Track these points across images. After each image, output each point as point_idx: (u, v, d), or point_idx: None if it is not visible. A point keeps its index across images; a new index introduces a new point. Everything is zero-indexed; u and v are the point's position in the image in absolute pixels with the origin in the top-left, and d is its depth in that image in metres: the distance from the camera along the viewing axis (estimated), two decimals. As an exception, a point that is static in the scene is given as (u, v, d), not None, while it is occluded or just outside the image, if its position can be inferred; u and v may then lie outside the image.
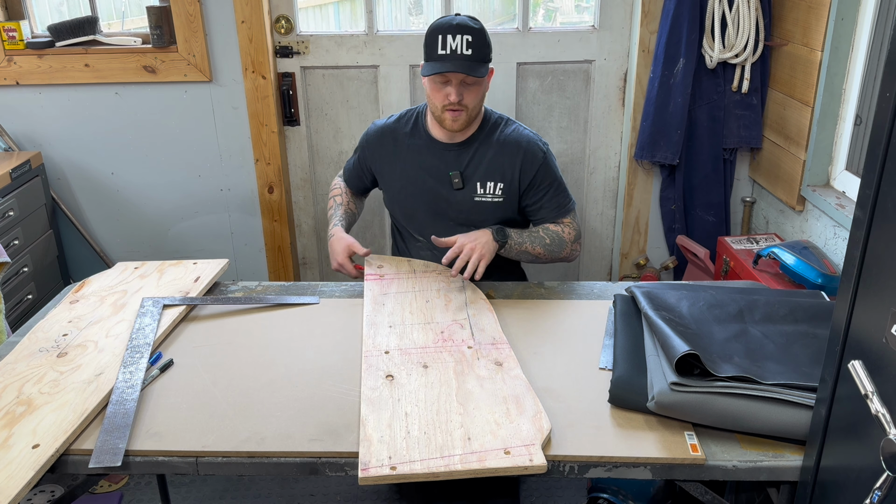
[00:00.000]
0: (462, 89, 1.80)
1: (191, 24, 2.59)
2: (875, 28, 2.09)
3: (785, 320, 1.46)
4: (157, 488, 2.11)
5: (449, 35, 1.77)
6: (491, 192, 1.90)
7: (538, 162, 1.90)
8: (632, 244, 2.88)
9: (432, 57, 1.81)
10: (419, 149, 1.95)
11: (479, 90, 1.83)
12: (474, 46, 1.78)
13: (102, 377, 1.42)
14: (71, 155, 2.80)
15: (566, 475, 1.24)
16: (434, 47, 1.80)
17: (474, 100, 1.83)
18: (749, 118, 2.56)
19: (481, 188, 1.91)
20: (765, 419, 1.23)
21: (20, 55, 2.64)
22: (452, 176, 1.90)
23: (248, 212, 2.88)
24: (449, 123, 1.84)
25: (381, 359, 1.47)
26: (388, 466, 1.17)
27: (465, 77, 1.78)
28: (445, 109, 1.82)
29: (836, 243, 2.14)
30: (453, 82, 1.79)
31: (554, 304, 1.74)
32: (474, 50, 1.78)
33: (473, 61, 1.78)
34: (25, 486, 1.15)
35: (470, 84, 1.80)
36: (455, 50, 1.77)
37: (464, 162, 1.91)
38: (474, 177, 1.91)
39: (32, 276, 2.63)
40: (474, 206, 1.92)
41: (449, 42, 1.77)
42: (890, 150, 0.93)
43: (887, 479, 0.92)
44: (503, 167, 1.90)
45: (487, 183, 1.90)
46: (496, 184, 1.90)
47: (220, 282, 1.90)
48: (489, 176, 1.90)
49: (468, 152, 1.91)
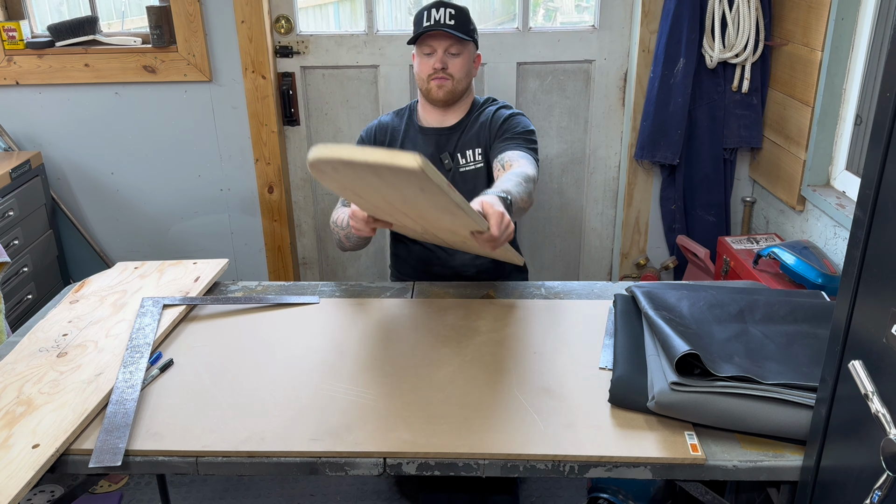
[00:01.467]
0: (446, 58, 1.93)
1: (191, 23, 2.59)
2: (875, 28, 2.09)
3: (785, 320, 1.46)
4: (157, 488, 2.11)
5: (433, 9, 1.94)
6: (472, 159, 1.98)
7: (506, 113, 1.99)
8: (632, 244, 2.88)
9: (417, 30, 1.95)
10: (413, 140, 2.02)
11: (463, 61, 1.95)
12: (457, 18, 1.93)
13: (102, 377, 1.42)
14: (71, 155, 2.80)
15: (566, 475, 1.24)
16: (420, 22, 1.95)
17: (459, 70, 1.95)
18: (749, 118, 2.56)
19: (462, 158, 1.99)
20: (765, 419, 1.23)
21: (20, 55, 2.64)
22: (443, 158, 1.98)
23: (248, 212, 2.88)
24: (434, 91, 1.94)
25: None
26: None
27: (449, 46, 1.92)
28: (431, 78, 1.94)
29: (836, 243, 2.14)
30: (438, 52, 1.93)
31: (554, 304, 1.74)
32: (457, 21, 1.93)
33: (456, 31, 1.92)
34: (25, 486, 1.15)
35: (454, 54, 1.94)
36: (438, 20, 1.92)
37: (453, 143, 2.00)
38: (458, 152, 1.99)
39: (32, 276, 2.63)
40: (460, 178, 1.98)
41: (433, 14, 1.93)
42: (890, 150, 0.93)
43: (887, 479, 0.92)
44: (480, 133, 1.99)
45: (467, 152, 1.98)
46: (475, 150, 1.98)
47: (220, 282, 1.90)
48: (469, 145, 1.99)
49: (456, 134, 2.00)
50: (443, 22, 1.92)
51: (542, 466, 1.23)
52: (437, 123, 2.02)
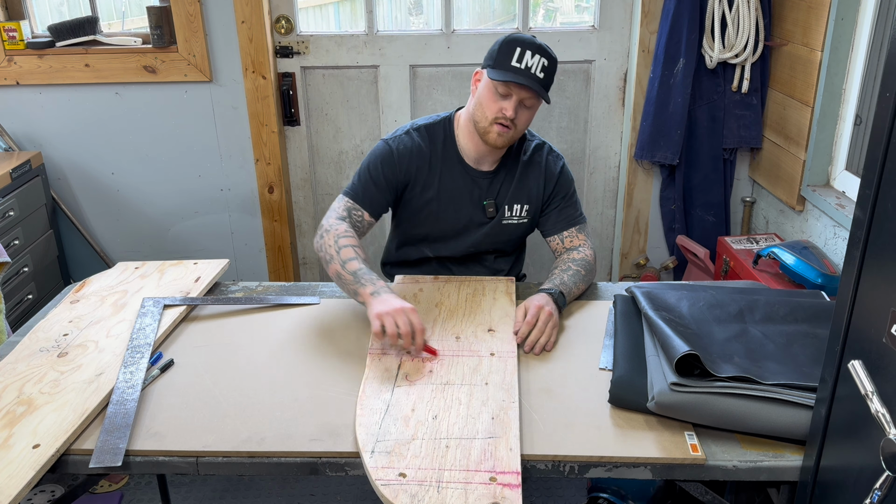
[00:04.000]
0: (519, 108, 1.74)
1: (191, 24, 2.59)
2: (875, 28, 2.09)
3: (785, 320, 1.46)
4: (157, 488, 2.11)
5: (528, 51, 1.70)
6: (517, 214, 1.88)
7: (557, 171, 1.88)
8: (632, 244, 2.88)
9: (504, 66, 1.71)
10: (453, 173, 1.86)
11: (531, 115, 1.78)
12: (547, 72, 1.73)
13: (103, 377, 1.42)
14: (71, 155, 2.80)
15: (566, 475, 1.24)
16: (509, 56, 1.71)
17: (524, 123, 1.77)
18: (749, 118, 2.56)
19: (509, 211, 1.87)
20: (765, 419, 1.23)
21: (20, 55, 2.64)
22: (487, 205, 1.86)
23: (249, 212, 2.88)
24: (494, 138, 1.75)
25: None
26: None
27: (527, 98, 1.73)
28: (496, 122, 1.74)
29: (836, 243, 2.14)
30: (514, 98, 1.71)
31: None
32: (546, 76, 1.73)
33: (543, 86, 1.74)
34: (26, 486, 1.15)
35: (527, 107, 1.75)
36: (530, 68, 1.70)
37: (496, 189, 1.87)
38: (504, 202, 1.88)
39: (32, 276, 2.64)
40: (501, 230, 1.89)
41: (527, 58, 1.70)
42: (890, 150, 0.93)
43: (887, 479, 0.92)
44: (528, 188, 1.87)
45: (514, 206, 1.87)
46: (522, 206, 1.88)
47: (221, 282, 1.90)
48: (516, 199, 1.87)
49: (500, 178, 1.87)
50: (534, 73, 1.70)
51: (542, 466, 1.23)
52: (478, 164, 1.85)
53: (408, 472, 1.16)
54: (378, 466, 1.17)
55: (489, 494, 1.12)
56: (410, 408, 1.32)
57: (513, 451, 1.20)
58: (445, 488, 1.13)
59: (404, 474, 1.16)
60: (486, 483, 1.14)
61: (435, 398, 1.35)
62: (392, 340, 1.47)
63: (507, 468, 1.17)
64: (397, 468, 1.17)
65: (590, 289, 1.83)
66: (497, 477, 1.15)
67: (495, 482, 1.14)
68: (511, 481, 1.14)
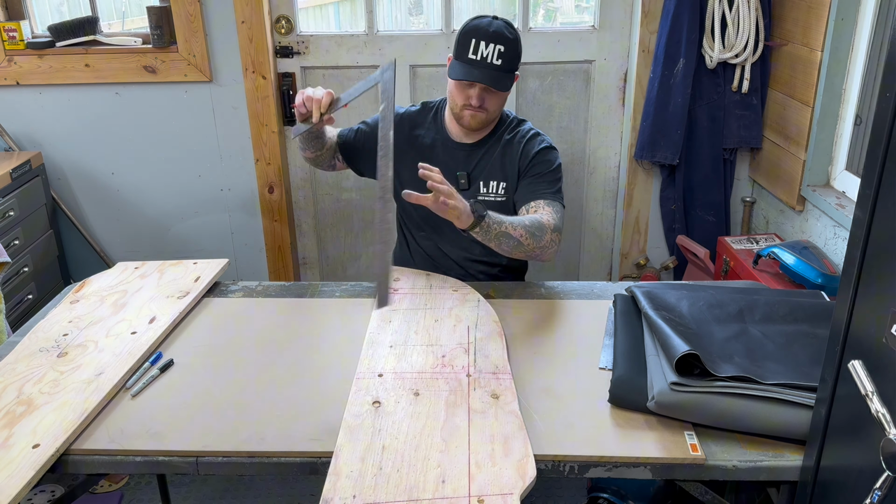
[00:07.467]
0: (484, 94, 1.79)
1: (191, 24, 2.59)
2: (875, 28, 2.09)
3: (785, 320, 1.46)
4: (157, 488, 2.11)
5: (483, 41, 1.74)
6: (494, 191, 1.89)
7: (533, 151, 1.87)
8: (632, 244, 2.88)
9: (461, 57, 1.77)
10: (433, 143, 1.93)
11: (501, 97, 1.84)
12: (505, 58, 1.75)
13: (102, 377, 1.42)
14: (71, 155, 2.80)
15: (566, 475, 1.24)
16: (465, 48, 1.76)
17: (495, 105, 1.83)
18: (749, 118, 2.56)
19: (484, 187, 1.90)
20: (765, 419, 1.23)
21: (20, 55, 2.64)
22: (459, 177, 1.89)
23: (249, 212, 2.88)
24: (467, 121, 1.84)
25: (372, 382, 1.40)
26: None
27: (488, 87, 1.77)
28: (465, 108, 1.82)
29: (836, 243, 2.14)
30: (477, 87, 1.77)
31: (554, 304, 1.74)
32: (504, 61, 1.75)
33: (502, 72, 1.76)
34: (26, 485, 1.15)
35: (493, 92, 1.79)
36: (486, 58, 1.74)
37: (472, 163, 1.90)
38: (479, 177, 1.90)
39: (32, 276, 2.64)
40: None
41: (481, 49, 1.73)
42: (890, 150, 0.93)
43: (887, 479, 0.92)
44: (506, 165, 1.89)
45: (490, 182, 1.89)
46: (499, 183, 1.89)
47: (221, 282, 1.90)
48: (492, 175, 1.89)
49: (478, 153, 1.90)
50: (490, 61, 1.74)
51: (542, 466, 1.23)
52: (461, 138, 1.91)
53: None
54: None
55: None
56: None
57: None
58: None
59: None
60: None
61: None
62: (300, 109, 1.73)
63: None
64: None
65: (590, 289, 1.83)
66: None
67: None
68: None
